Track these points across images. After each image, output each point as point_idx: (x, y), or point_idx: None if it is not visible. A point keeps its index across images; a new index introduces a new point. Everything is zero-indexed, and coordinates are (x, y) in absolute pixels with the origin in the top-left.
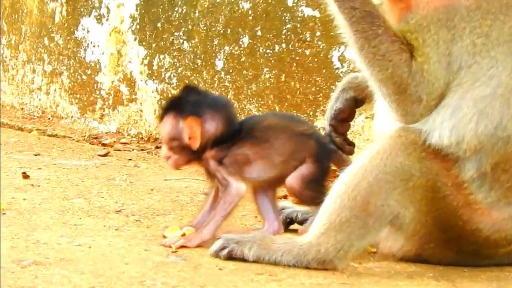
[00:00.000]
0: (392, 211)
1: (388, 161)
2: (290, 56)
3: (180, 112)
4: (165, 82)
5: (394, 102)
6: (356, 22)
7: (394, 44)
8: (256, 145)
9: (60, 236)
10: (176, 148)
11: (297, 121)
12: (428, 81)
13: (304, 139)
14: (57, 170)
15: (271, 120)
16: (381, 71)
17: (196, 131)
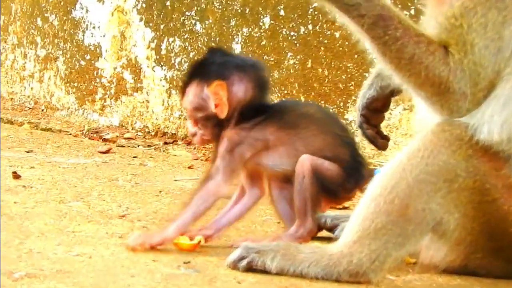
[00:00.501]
0: (434, 217)
1: (430, 160)
2: (317, 39)
3: (204, 78)
4: (174, 69)
5: (436, 103)
6: (369, 29)
7: (420, 44)
8: (281, 130)
9: (57, 245)
10: (202, 120)
11: (339, 124)
12: (472, 72)
13: (339, 143)
14: (52, 169)
15: (310, 108)
16: (412, 75)
17: (222, 96)
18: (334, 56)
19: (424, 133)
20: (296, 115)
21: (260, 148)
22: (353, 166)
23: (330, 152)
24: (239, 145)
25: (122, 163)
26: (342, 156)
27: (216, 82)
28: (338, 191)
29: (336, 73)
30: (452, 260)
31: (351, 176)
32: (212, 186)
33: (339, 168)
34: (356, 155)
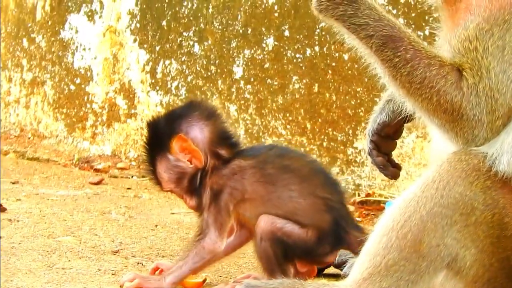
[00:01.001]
0: (449, 252)
1: (445, 192)
2: (324, 62)
3: (161, 149)
4: (171, 94)
5: (451, 131)
6: (378, 51)
7: (432, 67)
8: (259, 183)
9: (45, 283)
10: (189, 184)
11: (329, 182)
12: (489, 98)
13: (319, 208)
14: (40, 202)
15: (295, 162)
16: (424, 101)
17: (188, 146)
18: (342, 80)
19: (440, 163)
20: (278, 167)
21: (239, 197)
22: (331, 233)
23: (304, 217)
24: (221, 193)
25: (115, 195)
26: (318, 223)
27: (173, 141)
28: (308, 254)
29: (345, 98)
30: None
31: (326, 241)
32: (208, 245)
33: (309, 232)
34: (341, 220)
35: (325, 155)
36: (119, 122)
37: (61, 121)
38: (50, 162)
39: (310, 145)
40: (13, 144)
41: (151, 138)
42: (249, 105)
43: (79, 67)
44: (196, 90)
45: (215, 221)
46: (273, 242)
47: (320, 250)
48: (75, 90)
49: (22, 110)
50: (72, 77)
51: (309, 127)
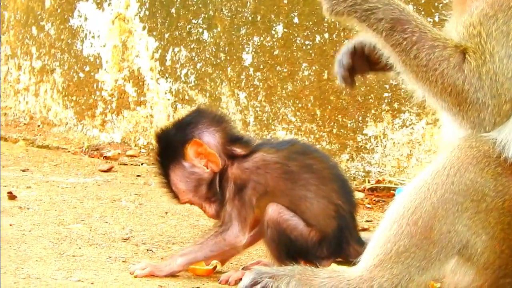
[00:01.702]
0: (460, 239)
1: (456, 178)
2: (334, 49)
3: (175, 157)
4: (180, 81)
5: (458, 115)
6: (388, 35)
7: (435, 48)
8: (281, 179)
9: (56, 270)
10: (207, 190)
11: (343, 189)
12: (493, 82)
13: (328, 214)
14: (50, 189)
15: (317, 162)
16: (431, 84)
17: (204, 150)
18: None
19: (451, 149)
20: (301, 166)
21: (262, 191)
22: (333, 240)
23: (312, 218)
24: (245, 187)
25: (125, 182)
26: (323, 227)
27: (188, 147)
28: (305, 253)
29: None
30: (479, 285)
31: (325, 246)
32: (230, 238)
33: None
34: (346, 230)
35: (335, 142)
36: (128, 110)
37: (71, 108)
38: (59, 149)
39: (320, 132)
40: (22, 132)
41: (163, 148)
42: (258, 92)
43: (88, 55)
44: (205, 77)
45: (238, 215)
46: (278, 231)
47: (318, 253)
48: (84, 77)
49: (31, 98)
50: (82, 64)
51: (318, 114)
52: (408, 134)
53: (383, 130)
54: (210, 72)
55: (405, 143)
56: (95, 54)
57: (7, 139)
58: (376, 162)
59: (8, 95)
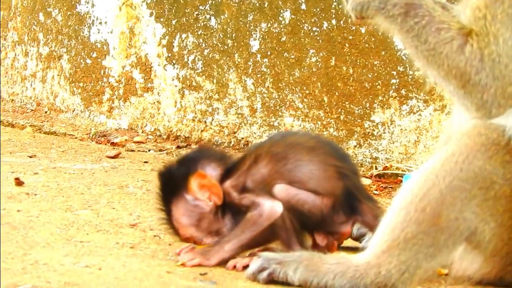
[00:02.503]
0: (468, 226)
1: (464, 165)
2: (341, 35)
3: (177, 190)
4: (188, 67)
5: (463, 98)
6: (403, 21)
7: (441, 32)
8: (271, 162)
9: (64, 256)
10: (209, 224)
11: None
12: (497, 64)
13: (330, 175)
14: (57, 175)
15: (299, 138)
16: (438, 68)
17: (208, 182)
18: (359, 53)
19: (459, 136)
20: (284, 145)
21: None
22: (344, 200)
23: (317, 185)
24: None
25: (132, 168)
26: (331, 189)
27: (191, 179)
28: (323, 223)
29: (362, 71)
30: (487, 272)
31: (340, 209)
32: (267, 211)
33: (323, 200)
34: (353, 188)
35: (342, 129)
36: (135, 96)
37: (78, 95)
38: (67, 136)
39: (327, 119)
40: (29, 118)
41: (165, 183)
42: (266, 78)
43: (96, 41)
44: (212, 63)
45: (258, 195)
46: (289, 210)
47: (335, 218)
48: (91, 64)
49: (38, 84)
50: (89, 51)
51: (326, 101)
52: (415, 120)
53: (391, 117)
54: (218, 59)
55: (413, 130)
56: (102, 41)
57: (14, 125)
58: (384, 148)
59: (15, 81)
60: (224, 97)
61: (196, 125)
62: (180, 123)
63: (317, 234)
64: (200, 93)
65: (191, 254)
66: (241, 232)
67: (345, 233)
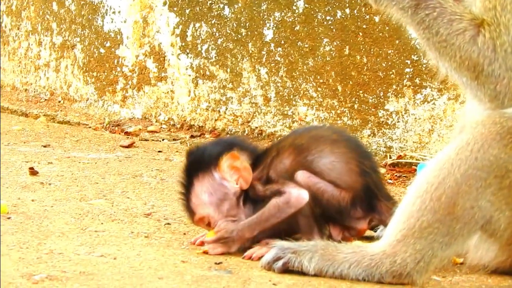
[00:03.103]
0: (483, 215)
1: (479, 154)
2: (355, 24)
3: (206, 166)
4: (201, 57)
5: (476, 89)
6: (414, 13)
7: (453, 23)
8: (294, 153)
9: (79, 245)
10: (229, 208)
11: (360, 149)
12: (508, 54)
13: (351, 170)
14: (72, 165)
15: (322, 131)
16: (451, 59)
17: (240, 164)
18: (373, 42)
19: (474, 125)
20: (306, 137)
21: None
22: (363, 196)
23: (339, 178)
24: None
25: (146, 158)
26: (352, 184)
27: (224, 157)
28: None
29: (376, 60)
30: (502, 260)
31: (359, 205)
32: (294, 199)
33: (343, 193)
34: (373, 186)
35: (356, 117)
36: (149, 85)
37: (91, 84)
38: (80, 125)
39: (341, 108)
40: (43, 108)
41: (195, 159)
42: (279, 67)
43: (109, 30)
44: (226, 53)
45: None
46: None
47: (353, 213)
48: (105, 53)
49: (52, 73)
50: (102, 40)
51: (340, 90)
52: (429, 109)
53: (405, 106)
54: (231, 48)
55: (427, 119)
56: (116, 30)
57: (28, 115)
58: (398, 137)
59: (29, 71)
60: (238, 86)
61: (210, 115)
62: (194, 112)
63: (333, 227)
64: (214, 82)
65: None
66: (264, 219)
67: (361, 230)
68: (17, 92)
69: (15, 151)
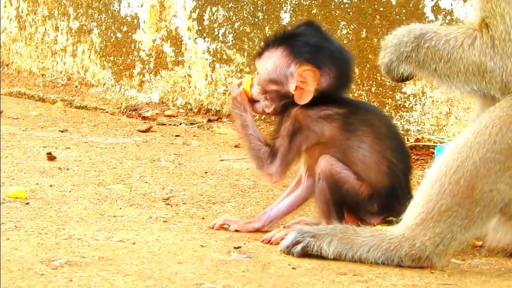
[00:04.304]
0: (502, 198)
1: (498, 137)
2: (372, 7)
3: (296, 54)
4: (218, 41)
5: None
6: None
7: (449, 42)
8: (338, 130)
9: (97, 231)
10: (272, 93)
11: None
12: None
13: (381, 169)
14: (89, 150)
15: (375, 119)
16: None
17: (310, 84)
18: (390, 25)
19: (492, 108)
20: (360, 119)
21: (314, 141)
22: (384, 197)
23: (364, 171)
24: (300, 132)
25: (164, 142)
26: (375, 182)
27: (309, 67)
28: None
29: None
30: None
31: (376, 202)
32: (267, 173)
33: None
34: (399, 189)
35: (374, 101)
36: (166, 70)
37: (108, 69)
38: (97, 110)
39: (359, 91)
40: (60, 93)
41: (300, 39)
42: None
43: (126, 15)
44: (243, 36)
45: (284, 156)
46: (330, 183)
47: (368, 207)
48: (122, 38)
49: (69, 58)
50: (119, 25)
51: (357, 73)
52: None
53: (422, 88)
54: (248, 32)
55: (444, 101)
56: (133, 14)
57: (45, 100)
58: (415, 120)
59: (46, 56)
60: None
61: (227, 98)
62: (211, 96)
63: (348, 215)
64: (231, 66)
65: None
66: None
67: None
68: (34, 77)
69: (33, 136)
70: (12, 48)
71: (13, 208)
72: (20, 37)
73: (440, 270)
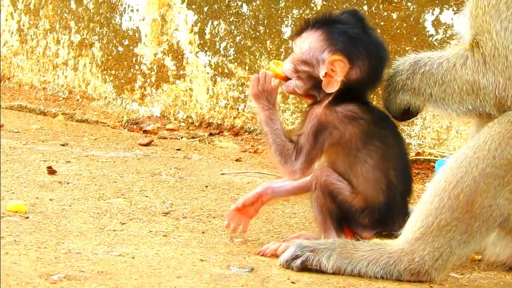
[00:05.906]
0: (501, 212)
1: (497, 153)
2: (373, 21)
3: (332, 42)
4: (219, 54)
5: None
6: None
7: (442, 65)
8: (356, 135)
9: (97, 245)
10: (304, 74)
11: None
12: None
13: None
14: (90, 164)
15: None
16: (453, 95)
17: (339, 74)
18: (391, 39)
19: (491, 124)
20: (378, 133)
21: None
22: (377, 212)
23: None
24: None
25: (165, 156)
26: (370, 199)
27: (340, 58)
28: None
29: (394, 57)
30: None
31: (368, 216)
32: (290, 170)
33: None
34: (394, 209)
35: None
36: (167, 83)
37: (110, 82)
38: (99, 124)
39: None
40: (61, 106)
41: (340, 27)
42: None
43: (127, 29)
44: (244, 50)
45: (308, 153)
46: (324, 193)
47: (360, 219)
48: (123, 51)
49: (70, 72)
50: (120, 38)
51: None
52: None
53: None
54: (250, 45)
55: None
56: (134, 28)
57: (46, 114)
58: (416, 134)
59: (47, 69)
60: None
61: (228, 112)
62: (212, 110)
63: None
64: (232, 80)
65: None
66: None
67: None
68: (35, 90)
69: (33, 150)
70: (14, 61)
71: (13, 222)
72: (22, 51)
73: (439, 284)
